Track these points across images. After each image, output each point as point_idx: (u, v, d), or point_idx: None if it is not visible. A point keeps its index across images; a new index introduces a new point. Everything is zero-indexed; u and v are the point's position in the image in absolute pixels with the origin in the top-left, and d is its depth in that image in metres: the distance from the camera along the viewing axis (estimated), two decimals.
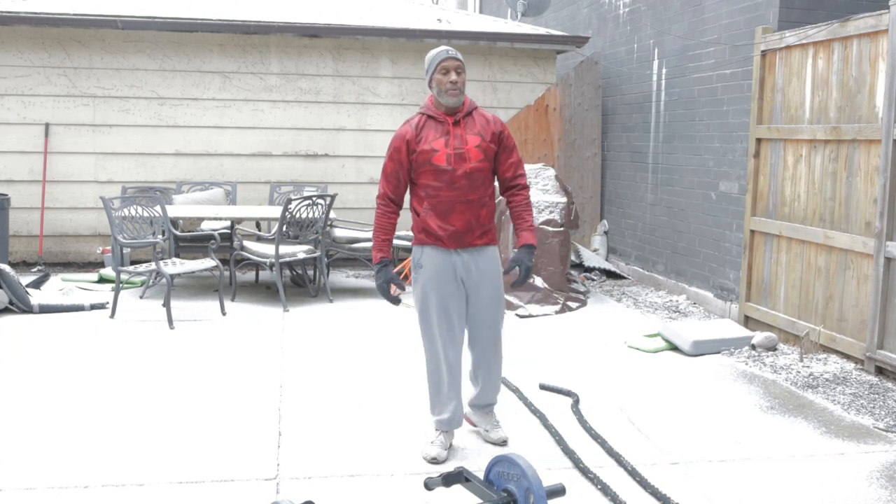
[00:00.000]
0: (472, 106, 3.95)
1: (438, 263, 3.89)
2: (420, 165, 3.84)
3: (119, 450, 3.95)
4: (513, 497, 3.09)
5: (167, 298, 6.48)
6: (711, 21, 7.45)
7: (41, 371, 5.19)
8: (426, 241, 3.92)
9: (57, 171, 8.91)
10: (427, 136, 3.84)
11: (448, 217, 3.85)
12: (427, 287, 3.92)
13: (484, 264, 3.94)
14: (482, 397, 4.18)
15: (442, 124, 3.86)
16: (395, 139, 3.87)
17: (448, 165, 3.81)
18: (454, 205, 3.85)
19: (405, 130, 3.87)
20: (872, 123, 5.44)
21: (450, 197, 3.84)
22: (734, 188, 7.12)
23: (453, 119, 3.87)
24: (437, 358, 3.97)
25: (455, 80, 3.80)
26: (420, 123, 3.88)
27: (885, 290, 5.29)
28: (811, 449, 4.17)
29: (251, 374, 5.19)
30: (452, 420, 4.02)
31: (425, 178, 3.85)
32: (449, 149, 3.82)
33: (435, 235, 3.88)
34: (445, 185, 3.83)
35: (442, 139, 3.83)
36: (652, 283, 8.56)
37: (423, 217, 3.89)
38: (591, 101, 9.60)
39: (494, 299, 4.00)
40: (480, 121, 3.93)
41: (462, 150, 3.83)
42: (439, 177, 3.82)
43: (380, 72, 9.38)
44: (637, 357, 5.86)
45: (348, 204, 9.37)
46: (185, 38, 8.96)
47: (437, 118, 3.87)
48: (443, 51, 3.86)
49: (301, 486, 3.60)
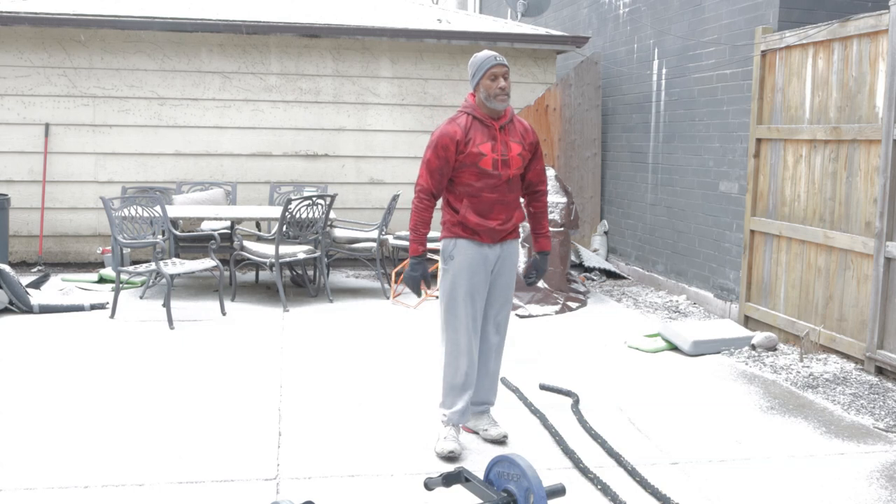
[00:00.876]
0: (511, 112, 4.06)
1: (472, 255, 3.98)
2: (464, 166, 3.92)
3: (119, 450, 3.95)
4: (513, 497, 3.09)
5: (167, 298, 6.48)
6: (711, 21, 7.45)
7: (41, 371, 5.19)
8: (462, 235, 4.00)
9: (57, 172, 8.92)
10: (475, 137, 3.91)
11: (487, 216, 3.97)
12: (458, 276, 3.99)
13: (507, 256, 4.10)
14: (479, 394, 4.20)
15: (489, 129, 3.94)
16: (443, 137, 3.90)
17: (494, 170, 3.92)
18: (493, 205, 3.97)
19: (454, 130, 3.91)
20: (872, 123, 5.44)
21: (491, 198, 3.96)
22: (734, 188, 7.12)
23: (499, 125, 3.96)
24: (457, 348, 4.01)
25: (504, 86, 3.89)
26: (468, 124, 3.93)
27: (885, 290, 5.29)
28: (811, 449, 4.17)
29: (251, 374, 5.19)
30: (465, 412, 4.06)
31: (467, 178, 3.94)
32: (496, 154, 3.92)
33: (472, 230, 3.97)
34: (488, 188, 3.94)
35: (489, 143, 3.92)
36: (652, 283, 8.56)
37: (463, 213, 3.97)
38: (591, 101, 9.60)
39: (509, 289, 4.15)
40: (520, 129, 4.06)
41: (507, 157, 3.95)
42: (483, 179, 3.93)
43: (380, 72, 9.38)
44: (637, 357, 5.86)
45: (348, 204, 9.37)
46: (185, 38, 8.96)
47: (483, 121, 3.94)
48: (491, 56, 3.92)
49: (301, 486, 3.60)
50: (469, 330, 4.01)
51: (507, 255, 4.09)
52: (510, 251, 4.11)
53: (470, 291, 3.99)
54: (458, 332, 4.00)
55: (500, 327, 4.18)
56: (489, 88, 3.89)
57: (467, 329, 4.01)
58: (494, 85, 3.89)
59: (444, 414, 4.06)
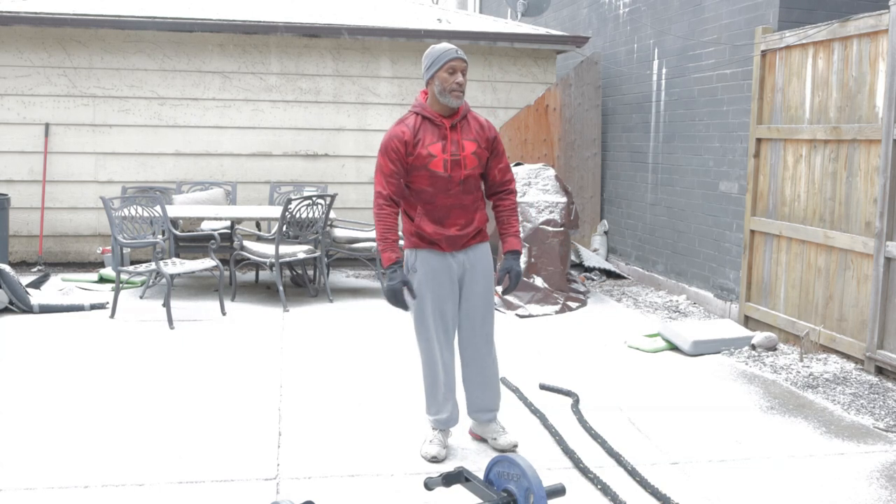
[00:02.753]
0: (466, 109, 3.83)
1: (434, 266, 3.82)
2: (415, 169, 3.72)
3: (119, 450, 3.95)
4: (513, 497, 3.09)
5: (167, 298, 6.48)
6: (711, 21, 7.45)
7: (41, 371, 5.19)
8: (420, 245, 3.82)
9: (57, 171, 8.91)
10: (424, 138, 3.70)
11: (444, 222, 3.77)
12: (423, 289, 3.83)
13: (477, 261, 3.90)
14: (481, 401, 4.05)
15: (439, 128, 3.73)
16: (392, 140, 3.70)
17: (445, 172, 3.70)
18: (450, 210, 3.77)
19: (402, 131, 3.71)
20: (872, 123, 5.44)
21: (446, 203, 3.76)
22: (734, 188, 7.12)
23: (450, 123, 3.74)
24: (433, 359, 3.92)
25: (461, 81, 3.67)
26: (416, 124, 3.73)
27: (885, 290, 5.29)
28: (811, 449, 4.17)
29: (251, 374, 5.19)
30: (450, 419, 4.01)
31: (419, 183, 3.74)
32: (446, 154, 3.70)
33: (430, 240, 3.79)
34: (441, 191, 3.73)
35: (439, 143, 3.70)
36: (652, 283, 8.56)
37: (418, 222, 3.77)
38: (591, 101, 9.60)
39: (486, 295, 3.94)
40: (475, 125, 3.82)
41: (459, 157, 3.72)
42: (435, 182, 3.72)
43: (380, 72, 9.38)
44: (637, 357, 5.86)
45: (348, 204, 9.37)
46: (185, 38, 8.96)
47: (433, 120, 3.73)
48: (451, 49, 3.70)
49: (301, 486, 3.60)
50: (441, 343, 3.88)
51: (475, 260, 3.88)
52: (478, 256, 3.89)
53: (437, 304, 3.83)
54: (431, 344, 3.89)
55: (487, 335, 3.98)
56: (445, 82, 3.66)
57: (439, 342, 3.87)
58: (451, 79, 3.65)
59: (429, 420, 4.03)
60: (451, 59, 3.66)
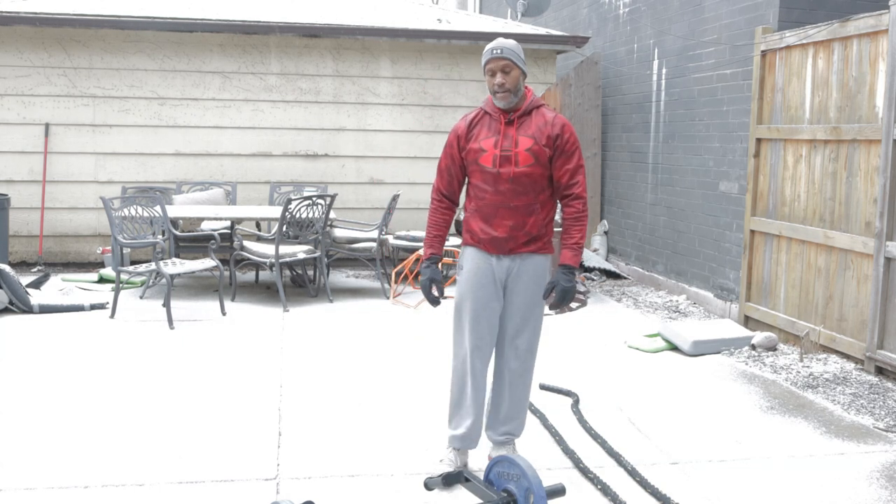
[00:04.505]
0: (534, 104, 3.64)
1: (478, 266, 3.64)
2: (469, 164, 3.66)
3: (119, 450, 3.95)
4: (513, 497, 3.09)
5: (167, 298, 6.48)
6: (711, 21, 7.45)
7: (41, 371, 5.19)
8: (469, 242, 3.70)
9: (57, 171, 8.91)
10: (479, 133, 3.63)
11: (491, 221, 3.61)
12: (464, 290, 3.66)
13: (525, 271, 3.64)
14: (501, 425, 3.81)
15: (496, 122, 3.63)
16: (451, 133, 3.71)
17: (493, 168, 3.56)
18: (497, 209, 3.59)
19: (459, 125, 3.71)
20: (872, 123, 5.44)
21: (494, 201, 3.59)
22: (734, 188, 7.12)
23: (507, 118, 3.61)
24: (463, 366, 3.69)
25: (501, 81, 3.53)
26: (475, 119, 3.68)
27: (885, 290, 5.29)
28: (811, 449, 4.17)
29: (251, 374, 5.19)
30: (467, 438, 3.72)
31: (475, 178, 3.66)
32: (497, 149, 3.57)
33: (477, 238, 3.65)
34: (491, 189, 3.59)
35: (493, 138, 3.60)
36: (652, 283, 8.56)
37: (468, 218, 3.69)
38: (591, 101, 9.60)
39: (527, 309, 3.67)
40: (538, 121, 3.61)
41: (510, 153, 3.55)
42: (485, 178, 3.60)
43: (380, 72, 9.38)
44: (637, 357, 5.85)
45: (348, 204, 9.37)
46: (185, 38, 8.96)
47: (492, 115, 3.65)
48: (488, 50, 3.59)
49: (301, 486, 3.60)
50: (474, 349, 3.64)
51: (522, 271, 3.64)
52: (528, 267, 3.64)
53: (475, 308, 3.62)
54: (463, 349, 3.67)
55: (520, 352, 3.71)
56: (489, 85, 3.59)
57: (472, 347, 3.64)
58: (492, 81, 3.56)
59: (448, 434, 3.79)
60: (488, 59, 3.58)
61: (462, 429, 3.72)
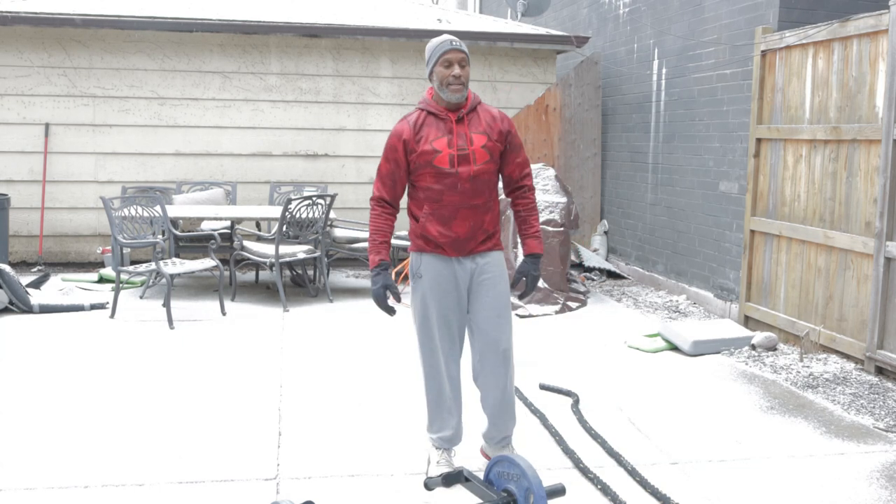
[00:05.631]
0: (475, 101, 3.60)
1: (439, 272, 3.58)
2: (420, 167, 3.51)
3: (119, 450, 3.95)
4: (513, 497, 3.09)
5: (167, 298, 6.48)
6: (711, 21, 7.45)
7: (41, 371, 5.19)
8: (425, 249, 3.60)
9: (57, 171, 8.91)
10: (427, 134, 3.50)
11: (450, 223, 3.54)
12: (427, 297, 3.60)
13: (486, 269, 3.62)
14: (496, 429, 3.77)
15: (444, 122, 3.52)
16: (392, 137, 3.54)
17: (451, 168, 3.48)
18: (457, 210, 3.53)
19: (402, 128, 3.53)
20: (872, 123, 5.44)
21: (453, 202, 3.52)
22: (734, 188, 7.12)
23: (456, 116, 3.53)
24: (437, 372, 3.65)
25: (459, 73, 3.45)
26: (419, 121, 3.53)
27: (885, 290, 5.29)
28: (811, 449, 4.17)
29: (251, 374, 5.19)
30: (455, 437, 3.74)
31: (426, 181, 3.53)
32: (452, 149, 3.48)
33: (435, 243, 3.57)
34: (448, 189, 3.50)
35: (444, 138, 3.49)
36: (652, 283, 8.56)
37: (423, 223, 3.56)
38: (591, 101, 9.60)
39: (498, 308, 3.62)
40: (486, 117, 3.58)
41: (466, 151, 3.49)
42: (441, 180, 3.50)
43: (380, 72, 9.38)
44: (637, 357, 5.85)
45: (348, 204, 9.37)
46: (185, 38, 8.96)
47: (438, 114, 3.53)
48: (446, 41, 3.49)
49: (301, 486, 3.60)
50: (447, 354, 3.63)
51: (485, 269, 3.61)
52: (490, 265, 3.62)
53: (443, 314, 3.58)
54: (435, 356, 3.63)
55: (503, 350, 3.64)
56: (442, 77, 3.45)
57: (444, 353, 3.62)
58: (448, 72, 3.44)
59: (432, 438, 3.75)
60: (446, 51, 3.46)
61: (449, 430, 3.71)
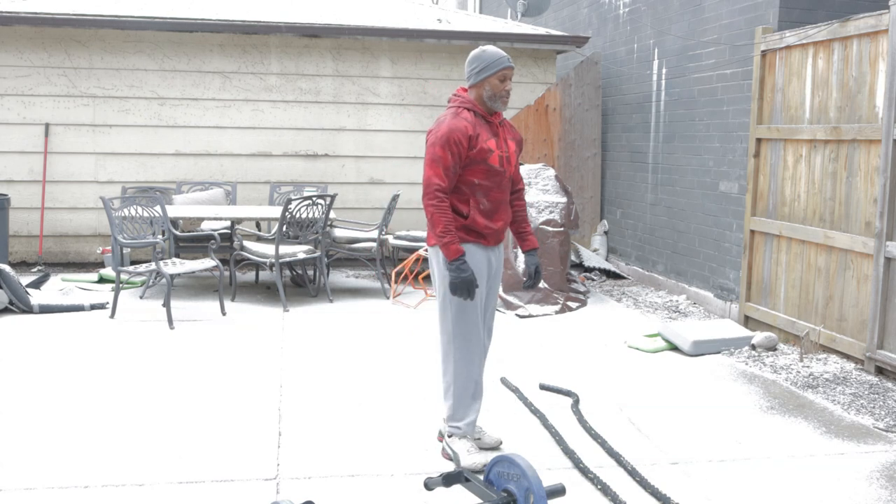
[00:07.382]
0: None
1: (480, 260, 3.88)
2: (474, 163, 3.78)
3: (119, 450, 3.95)
4: (513, 497, 3.09)
5: (167, 298, 6.48)
6: (711, 21, 7.45)
7: (41, 371, 5.19)
8: (467, 239, 3.84)
9: (57, 171, 8.92)
10: (481, 133, 3.80)
11: (492, 216, 3.88)
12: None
13: (502, 258, 4.06)
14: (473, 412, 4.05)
15: (490, 125, 3.87)
16: (455, 132, 3.72)
17: (500, 167, 3.84)
18: (499, 205, 3.90)
19: (464, 125, 3.75)
20: (872, 123, 5.44)
21: (497, 198, 3.88)
22: (734, 188, 7.12)
23: (498, 121, 3.92)
24: (471, 356, 3.87)
25: (510, 89, 3.86)
26: (473, 119, 3.82)
27: (885, 290, 5.29)
28: (811, 449, 4.17)
29: (251, 374, 5.19)
30: (475, 421, 4.00)
31: (475, 177, 3.80)
32: (500, 151, 3.85)
33: (480, 234, 3.86)
34: (495, 186, 3.85)
35: (493, 140, 3.84)
36: (652, 283, 8.56)
37: (472, 216, 3.82)
38: (591, 101, 9.60)
39: (496, 299, 4.09)
40: (509, 127, 4.01)
41: (508, 153, 3.90)
42: (491, 177, 3.82)
43: (380, 72, 9.38)
44: (637, 357, 5.86)
45: (348, 204, 9.38)
46: (185, 38, 8.96)
47: (485, 117, 3.86)
48: (504, 57, 3.82)
49: (301, 486, 3.60)
50: (481, 337, 3.91)
51: (500, 257, 4.03)
52: (502, 253, 4.07)
53: (480, 297, 3.88)
54: (471, 341, 3.86)
55: (490, 331, 4.10)
56: (497, 89, 3.81)
57: (479, 337, 3.88)
58: (502, 87, 3.81)
59: (458, 427, 3.91)
60: (505, 67, 3.80)
61: (474, 413, 3.94)
